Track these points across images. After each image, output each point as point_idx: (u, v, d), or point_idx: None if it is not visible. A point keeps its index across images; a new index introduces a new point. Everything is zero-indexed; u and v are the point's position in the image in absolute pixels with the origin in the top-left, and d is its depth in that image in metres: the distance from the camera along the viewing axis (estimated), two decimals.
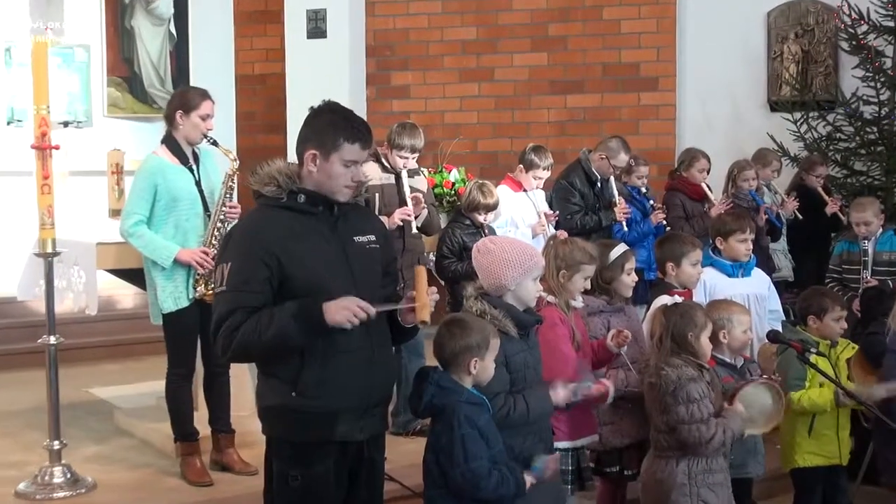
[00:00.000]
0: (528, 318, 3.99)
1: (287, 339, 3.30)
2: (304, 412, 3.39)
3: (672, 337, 4.36)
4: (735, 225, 5.71)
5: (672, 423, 4.30)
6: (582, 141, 8.96)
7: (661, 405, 4.34)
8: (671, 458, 4.35)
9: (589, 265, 4.56)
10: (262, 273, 3.36)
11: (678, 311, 4.43)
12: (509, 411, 3.82)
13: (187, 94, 5.49)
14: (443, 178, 7.56)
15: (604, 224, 7.20)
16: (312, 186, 3.49)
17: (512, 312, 3.92)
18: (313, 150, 3.46)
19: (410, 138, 6.14)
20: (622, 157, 7.28)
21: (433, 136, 9.18)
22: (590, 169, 7.28)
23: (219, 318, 3.37)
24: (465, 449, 3.51)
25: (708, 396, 4.31)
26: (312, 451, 3.44)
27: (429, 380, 3.64)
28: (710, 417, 4.27)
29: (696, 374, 4.31)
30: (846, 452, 5.13)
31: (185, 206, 5.36)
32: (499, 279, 3.95)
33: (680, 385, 4.27)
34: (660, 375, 4.31)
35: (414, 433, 6.11)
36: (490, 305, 3.90)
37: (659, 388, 4.32)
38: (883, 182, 8.63)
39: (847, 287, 6.82)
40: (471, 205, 6.34)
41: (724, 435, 4.27)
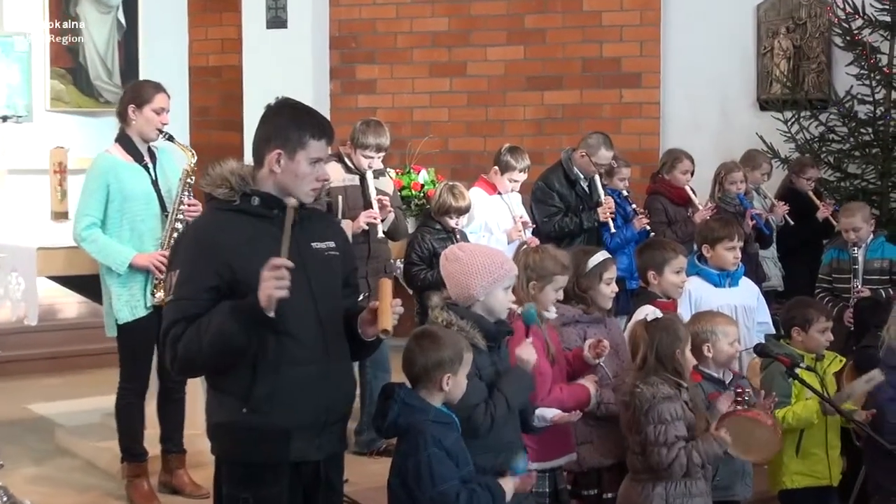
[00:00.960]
0: (498, 329, 4.00)
1: (228, 337, 3.28)
2: (255, 430, 3.38)
3: (657, 355, 4.38)
4: (723, 231, 5.75)
5: (642, 444, 4.33)
6: (560, 140, 9.01)
7: (635, 425, 4.37)
8: (647, 481, 4.37)
9: (561, 275, 4.58)
10: (210, 281, 3.36)
11: (661, 327, 4.44)
12: (493, 415, 3.84)
13: (140, 88, 5.49)
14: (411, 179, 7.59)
15: (585, 226, 7.23)
16: (272, 188, 3.49)
17: (481, 323, 3.92)
18: (277, 150, 3.46)
19: (376, 136, 6.15)
20: (603, 154, 7.31)
21: (401, 134, 9.19)
22: (570, 169, 7.32)
23: (164, 330, 3.38)
24: (432, 471, 3.51)
25: (682, 418, 4.33)
26: (265, 472, 3.43)
27: (394, 397, 3.64)
28: (675, 441, 4.29)
29: (672, 393, 4.33)
30: (837, 472, 5.18)
31: (141, 207, 5.35)
32: (467, 289, 3.96)
33: (653, 404, 4.30)
34: (634, 394, 4.33)
35: (378, 453, 6.11)
36: (457, 316, 3.90)
37: (633, 407, 4.34)
38: (878, 186, 8.69)
39: (838, 297, 6.88)
40: (441, 208, 6.35)
41: (687, 460, 4.28)
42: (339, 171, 6.13)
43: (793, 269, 8.02)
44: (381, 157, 6.24)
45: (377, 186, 6.20)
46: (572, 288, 4.83)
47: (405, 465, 3.57)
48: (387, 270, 6.28)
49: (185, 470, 5.62)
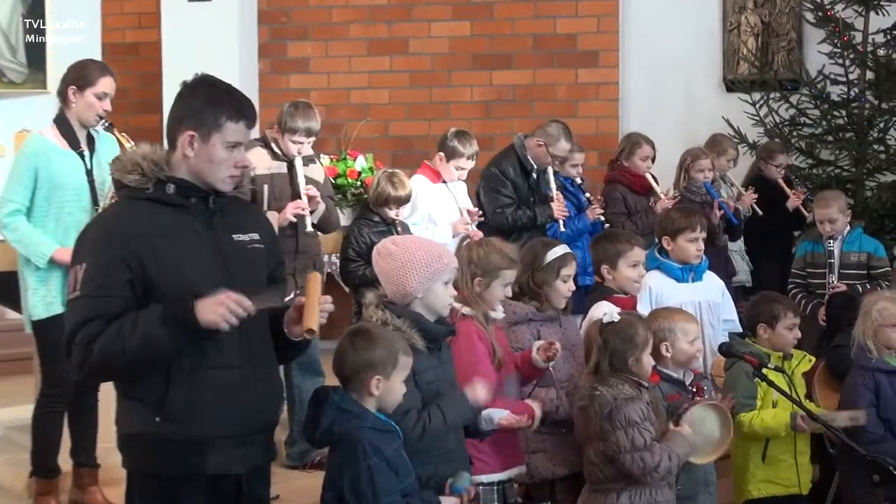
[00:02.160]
0: (438, 328, 4.00)
1: (155, 346, 3.26)
2: (170, 441, 3.36)
3: (610, 361, 4.41)
4: (684, 222, 5.79)
5: (611, 453, 4.34)
6: (511, 124, 9.01)
7: (596, 432, 4.38)
8: (611, 491, 4.40)
9: (508, 270, 4.58)
10: (122, 275, 3.32)
11: (616, 330, 4.46)
12: (425, 426, 3.84)
13: (83, 68, 5.48)
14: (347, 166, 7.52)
15: (539, 221, 7.26)
16: (187, 174, 3.46)
17: (420, 323, 3.93)
18: (190, 132, 3.43)
19: (305, 120, 6.11)
20: (562, 145, 7.33)
21: (337, 117, 9.16)
22: (525, 157, 7.32)
23: (72, 329, 3.33)
24: (373, 483, 3.50)
25: (649, 418, 4.37)
26: (181, 487, 3.40)
27: (327, 402, 3.63)
28: (653, 443, 4.32)
29: (634, 394, 4.37)
30: (806, 480, 5.25)
31: (70, 198, 5.31)
32: (403, 285, 3.96)
33: (616, 407, 4.32)
34: (593, 397, 4.34)
35: (312, 466, 6.07)
36: (393, 315, 3.90)
37: (592, 413, 4.36)
38: (852, 173, 8.81)
39: (813, 294, 6.96)
40: (379, 198, 6.34)
41: (670, 461, 4.33)
42: (264, 157, 6.09)
43: (761, 263, 8.12)
44: (310, 142, 6.20)
45: (306, 174, 6.16)
46: (526, 283, 4.85)
47: (340, 478, 3.56)
48: (316, 266, 6.23)
49: (98, 487, 5.56)
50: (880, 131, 8.79)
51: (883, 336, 5.32)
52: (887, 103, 8.77)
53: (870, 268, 6.90)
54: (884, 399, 5.28)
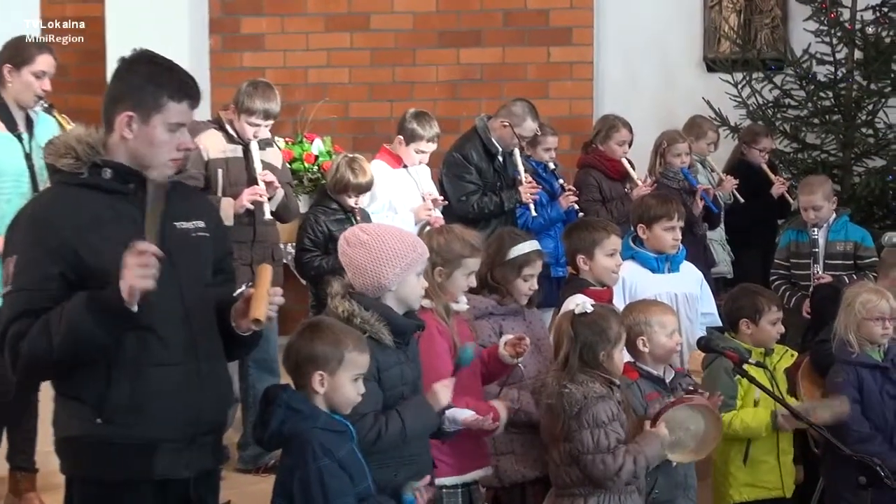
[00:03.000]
0: (407, 322, 3.99)
1: (83, 336, 3.23)
2: (112, 444, 3.34)
3: (581, 356, 4.41)
4: (660, 209, 5.80)
5: (575, 454, 4.35)
6: (479, 105, 8.99)
7: (563, 432, 4.38)
8: (577, 496, 4.40)
9: (471, 258, 4.56)
10: (54, 268, 3.30)
11: (588, 323, 4.46)
12: (380, 432, 3.82)
13: (20, 45, 5.49)
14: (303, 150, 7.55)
15: (506, 207, 7.25)
16: (125, 158, 3.44)
17: (388, 316, 3.92)
18: (129, 112, 3.41)
19: (264, 101, 6.11)
20: (528, 125, 7.33)
21: (293, 97, 9.09)
22: (489, 139, 7.32)
23: (3, 327, 3.30)
24: (323, 486, 3.48)
25: (618, 419, 4.37)
26: (123, 493, 3.39)
27: (277, 401, 3.60)
28: (617, 445, 4.33)
29: (604, 392, 4.37)
30: (790, 483, 5.27)
31: (8, 183, 5.30)
32: (377, 278, 3.95)
33: (586, 406, 4.32)
34: (561, 395, 4.34)
35: (266, 470, 6.07)
36: (360, 307, 3.89)
37: (560, 412, 4.36)
38: (839, 158, 8.87)
39: (796, 285, 6.99)
40: (338, 184, 6.32)
41: (634, 465, 4.33)
42: (219, 140, 6.09)
43: (743, 254, 8.16)
44: (269, 125, 6.21)
45: (263, 159, 6.16)
46: (486, 275, 4.83)
47: (291, 481, 3.54)
48: (275, 257, 6.23)
49: (36, 493, 5.55)
50: (869, 114, 8.85)
51: (865, 330, 5.35)
52: (876, 84, 8.83)
53: (857, 258, 6.92)
54: (867, 395, 5.31)
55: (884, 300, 5.37)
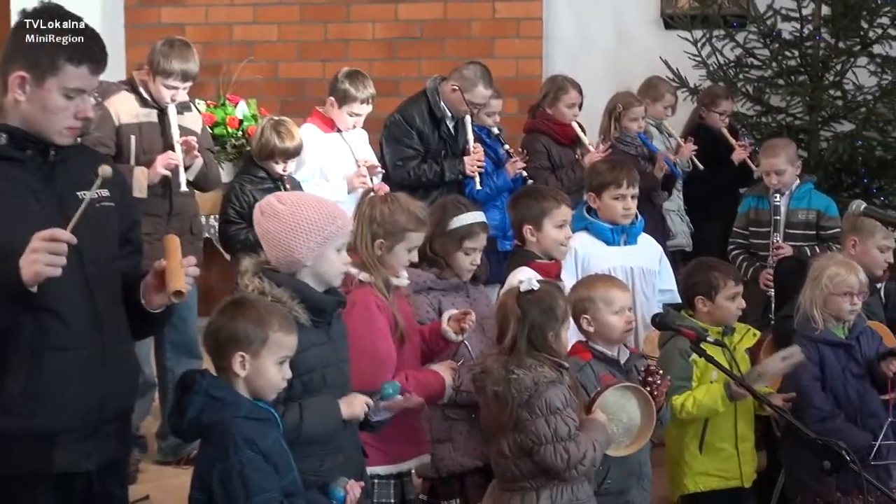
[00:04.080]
0: (326, 300, 3.96)
1: None
2: (8, 436, 3.31)
3: (528, 337, 4.39)
4: (609, 176, 5.80)
5: (528, 445, 4.32)
6: (418, 65, 8.99)
7: (512, 421, 4.36)
8: (528, 489, 4.38)
9: (416, 232, 4.56)
10: None
11: (536, 300, 4.44)
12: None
13: None
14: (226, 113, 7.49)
15: (447, 177, 7.24)
16: (20, 122, 3.40)
17: (305, 294, 3.88)
18: (21, 72, 3.37)
19: (181, 61, 6.07)
20: (480, 91, 7.31)
21: (216, 57, 9.07)
22: (437, 103, 7.29)
23: None
24: (245, 481, 3.45)
25: (571, 404, 4.37)
26: (21, 488, 3.36)
27: (195, 388, 3.57)
28: (577, 433, 4.32)
29: (555, 376, 4.35)
30: (750, 472, 5.30)
31: None
32: (290, 251, 3.91)
33: (537, 392, 4.29)
34: (509, 381, 4.31)
35: (187, 461, 6.04)
36: (272, 284, 3.85)
37: (509, 400, 4.32)
38: (805, 122, 8.91)
39: (755, 255, 7.02)
40: (264, 150, 6.30)
41: (595, 452, 4.34)
42: (132, 104, 6.04)
43: (703, 225, 8.16)
44: (186, 87, 6.16)
45: (181, 124, 6.12)
46: (424, 247, 4.82)
47: (210, 474, 3.51)
48: (194, 230, 6.22)
49: None
50: (837, 74, 8.89)
51: (833, 305, 5.39)
52: (845, 42, 8.85)
53: (819, 228, 6.96)
54: (830, 374, 5.36)
55: (853, 274, 5.40)
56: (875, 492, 4.80)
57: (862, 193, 8.48)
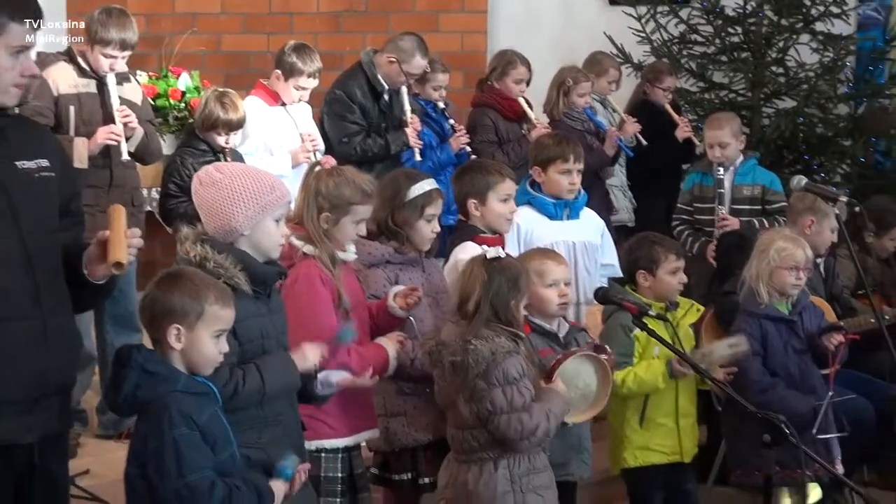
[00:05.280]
0: (267, 270, 3.93)
1: None
2: None
3: (492, 303, 4.38)
4: (555, 150, 5.78)
5: (485, 414, 4.32)
6: (362, 39, 8.94)
7: (469, 392, 4.34)
8: (487, 460, 4.39)
9: (362, 205, 4.53)
10: None
11: (503, 269, 4.45)
12: (237, 388, 3.75)
13: None
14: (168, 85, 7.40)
15: (392, 150, 7.20)
16: None
17: (245, 261, 3.85)
18: None
19: (120, 30, 5.98)
20: (417, 62, 7.27)
21: (158, 28, 8.97)
22: (374, 76, 7.24)
23: None
24: (179, 457, 3.42)
25: (527, 375, 4.37)
26: None
27: (130, 363, 3.52)
28: (531, 403, 4.33)
29: (512, 346, 4.36)
30: (690, 447, 5.30)
31: None
32: (227, 220, 3.88)
33: (494, 362, 4.30)
34: (467, 352, 4.30)
35: (128, 436, 5.91)
36: (213, 250, 3.81)
37: (466, 370, 4.32)
38: (748, 99, 8.94)
39: (700, 231, 7.03)
40: (207, 121, 6.24)
41: (548, 423, 4.35)
42: (70, 74, 5.96)
43: (646, 201, 8.18)
44: (125, 56, 6.07)
45: (121, 95, 6.04)
46: (385, 220, 4.81)
47: (146, 450, 3.48)
48: (135, 202, 6.16)
49: None
50: (779, 51, 8.92)
51: (778, 279, 5.41)
52: (787, 19, 8.88)
53: (764, 202, 6.98)
54: (772, 349, 5.40)
55: (800, 249, 5.43)
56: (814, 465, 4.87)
57: (803, 170, 8.54)
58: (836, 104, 9.03)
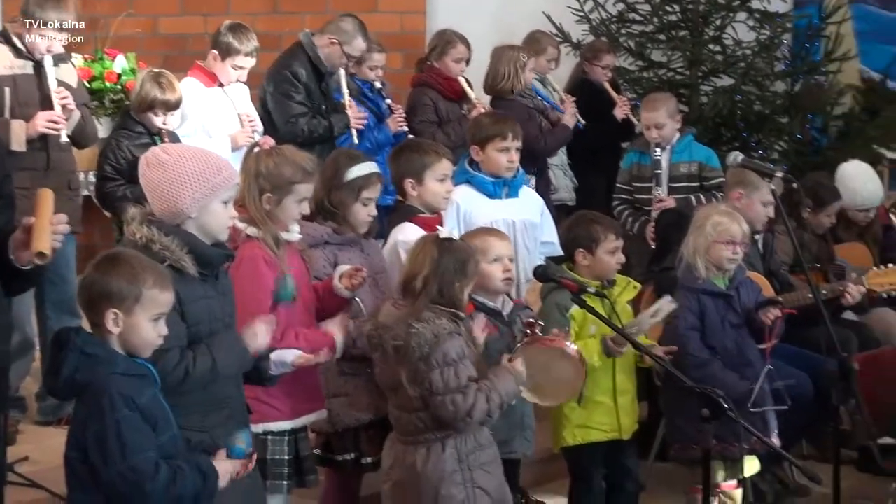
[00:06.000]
0: (214, 252, 3.92)
1: None
2: None
3: (440, 283, 4.39)
4: (493, 128, 5.80)
5: (426, 396, 4.34)
6: (301, 20, 8.89)
7: (412, 374, 4.36)
8: (434, 441, 4.41)
9: (303, 184, 4.52)
10: None
11: (454, 250, 4.46)
12: (188, 370, 3.75)
13: None
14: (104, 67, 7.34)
15: (336, 132, 7.19)
16: None
17: (192, 243, 3.84)
18: None
19: (57, 10, 5.94)
20: (358, 44, 7.26)
21: (93, 10, 8.89)
22: (317, 57, 7.22)
23: None
24: (121, 439, 3.41)
25: (468, 356, 4.39)
26: None
27: (69, 346, 3.50)
28: (468, 384, 4.34)
29: (453, 328, 4.37)
30: (629, 424, 5.32)
31: None
32: (174, 202, 3.86)
33: (436, 345, 4.31)
34: (409, 335, 4.31)
35: (67, 422, 5.88)
36: (160, 232, 3.80)
37: (409, 353, 4.33)
38: (686, 77, 8.98)
39: (640, 210, 7.08)
40: (143, 102, 6.19)
41: (487, 403, 4.35)
42: (5, 55, 5.91)
43: (587, 180, 8.21)
44: (63, 38, 6.02)
45: (57, 77, 5.99)
46: (322, 201, 4.80)
47: (86, 434, 3.46)
48: (71, 186, 6.12)
49: None
50: (717, 29, 8.96)
51: (715, 253, 5.45)
52: None
53: (702, 179, 7.05)
54: (709, 324, 5.44)
55: (736, 223, 5.47)
56: (751, 438, 4.93)
57: (741, 147, 8.56)
58: (773, 81, 9.09)
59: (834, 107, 9.28)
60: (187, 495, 3.53)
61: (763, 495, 6.12)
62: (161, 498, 3.47)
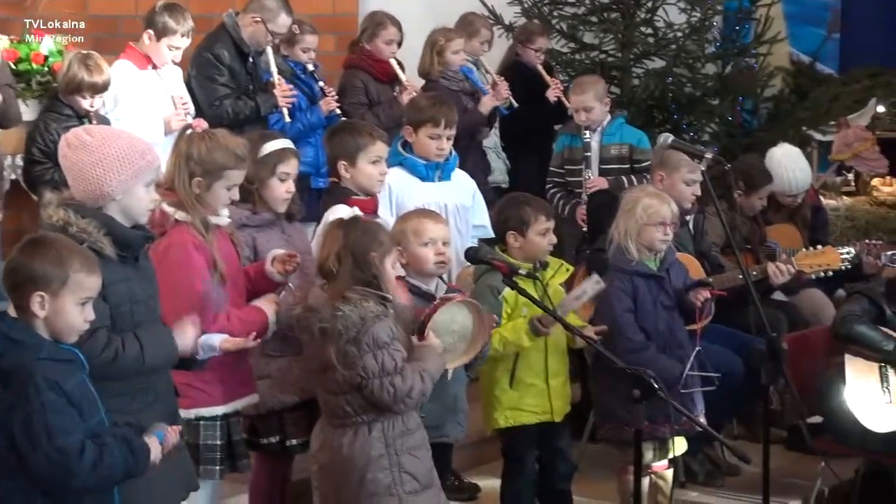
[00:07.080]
0: (132, 234, 3.90)
1: None
2: None
3: (353, 257, 4.37)
4: (428, 113, 5.79)
5: (358, 380, 4.32)
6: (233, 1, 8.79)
7: (340, 358, 4.34)
8: (361, 424, 4.38)
9: (235, 170, 4.49)
10: None
11: (360, 227, 4.45)
12: (118, 353, 3.73)
13: None
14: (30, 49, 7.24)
15: (263, 112, 7.16)
16: None
17: (110, 225, 3.81)
18: None
19: None
20: (283, 20, 7.23)
21: None
22: (240, 38, 7.18)
23: None
24: (47, 423, 3.39)
25: (398, 337, 4.38)
26: None
27: None
28: (404, 365, 4.34)
29: (380, 310, 4.35)
30: (561, 406, 5.35)
31: None
32: (99, 184, 3.84)
33: (364, 328, 4.29)
34: (335, 318, 4.29)
35: None
36: (77, 215, 3.77)
37: (336, 336, 4.30)
38: (618, 59, 9.01)
39: (572, 192, 7.10)
40: (70, 84, 6.18)
41: (423, 383, 4.36)
42: None
43: (520, 162, 8.22)
44: None
45: None
46: None
47: (11, 419, 3.43)
48: None
49: None
50: (648, 12, 8.97)
51: (647, 236, 5.46)
52: None
53: (633, 161, 7.08)
54: (641, 305, 5.45)
55: (665, 205, 5.50)
56: (681, 419, 4.97)
57: (672, 129, 8.59)
58: (704, 64, 9.12)
59: (764, 89, 9.34)
60: (117, 473, 3.51)
61: (694, 475, 6.19)
62: (88, 477, 3.45)
